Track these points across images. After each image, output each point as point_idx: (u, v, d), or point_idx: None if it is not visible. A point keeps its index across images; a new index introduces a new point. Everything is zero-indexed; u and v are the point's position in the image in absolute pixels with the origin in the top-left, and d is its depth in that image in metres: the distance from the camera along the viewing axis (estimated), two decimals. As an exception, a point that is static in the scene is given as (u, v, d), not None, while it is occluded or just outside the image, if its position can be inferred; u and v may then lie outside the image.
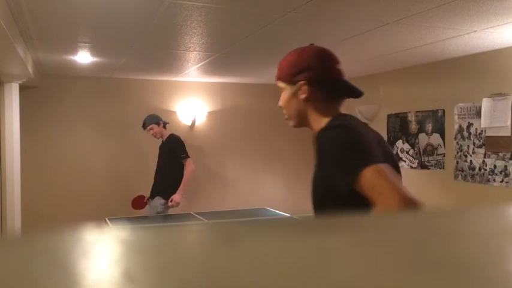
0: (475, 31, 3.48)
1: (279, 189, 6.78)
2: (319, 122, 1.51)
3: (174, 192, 4.57)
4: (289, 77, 1.52)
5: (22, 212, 4.99)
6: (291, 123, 1.59)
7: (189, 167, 4.65)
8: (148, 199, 4.87)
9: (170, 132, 4.90)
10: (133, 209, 4.96)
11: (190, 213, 4.82)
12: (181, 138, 4.88)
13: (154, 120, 4.85)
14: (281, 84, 1.56)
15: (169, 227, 0.43)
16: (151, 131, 4.81)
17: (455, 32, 3.52)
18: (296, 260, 0.35)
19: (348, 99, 1.57)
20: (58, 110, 5.75)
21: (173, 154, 4.70)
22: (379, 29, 3.38)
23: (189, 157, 4.70)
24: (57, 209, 5.66)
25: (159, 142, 4.92)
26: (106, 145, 5.98)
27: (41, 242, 0.39)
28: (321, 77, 1.50)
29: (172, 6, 2.85)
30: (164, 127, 4.89)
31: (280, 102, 1.58)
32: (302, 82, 1.49)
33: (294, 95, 1.52)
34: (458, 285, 0.30)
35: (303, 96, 1.50)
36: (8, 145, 4.80)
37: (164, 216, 4.66)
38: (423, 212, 0.51)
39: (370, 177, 1.26)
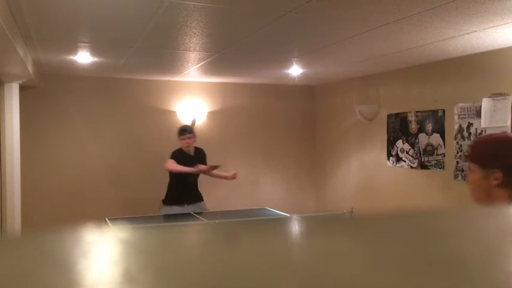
0: (475, 31, 3.48)
1: (279, 189, 6.78)
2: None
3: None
4: (482, 160, 1.55)
5: (22, 212, 4.99)
6: (476, 202, 1.60)
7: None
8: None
9: (194, 145, 4.91)
10: None
11: (190, 213, 4.81)
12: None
13: (192, 131, 4.88)
14: (472, 166, 1.59)
15: (169, 227, 0.43)
16: (188, 140, 4.76)
17: (455, 32, 3.52)
18: (296, 260, 0.35)
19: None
20: (58, 110, 5.75)
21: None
22: (379, 29, 3.38)
23: None
24: (57, 209, 5.66)
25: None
26: (106, 145, 5.98)
27: (41, 242, 0.39)
28: None
29: (172, 6, 2.85)
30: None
31: (470, 183, 1.61)
32: (497, 170, 1.51)
33: (485, 178, 1.53)
34: (459, 285, 0.30)
35: (495, 182, 1.51)
36: (8, 145, 4.79)
37: (164, 216, 4.67)
38: (423, 212, 0.51)
39: None
